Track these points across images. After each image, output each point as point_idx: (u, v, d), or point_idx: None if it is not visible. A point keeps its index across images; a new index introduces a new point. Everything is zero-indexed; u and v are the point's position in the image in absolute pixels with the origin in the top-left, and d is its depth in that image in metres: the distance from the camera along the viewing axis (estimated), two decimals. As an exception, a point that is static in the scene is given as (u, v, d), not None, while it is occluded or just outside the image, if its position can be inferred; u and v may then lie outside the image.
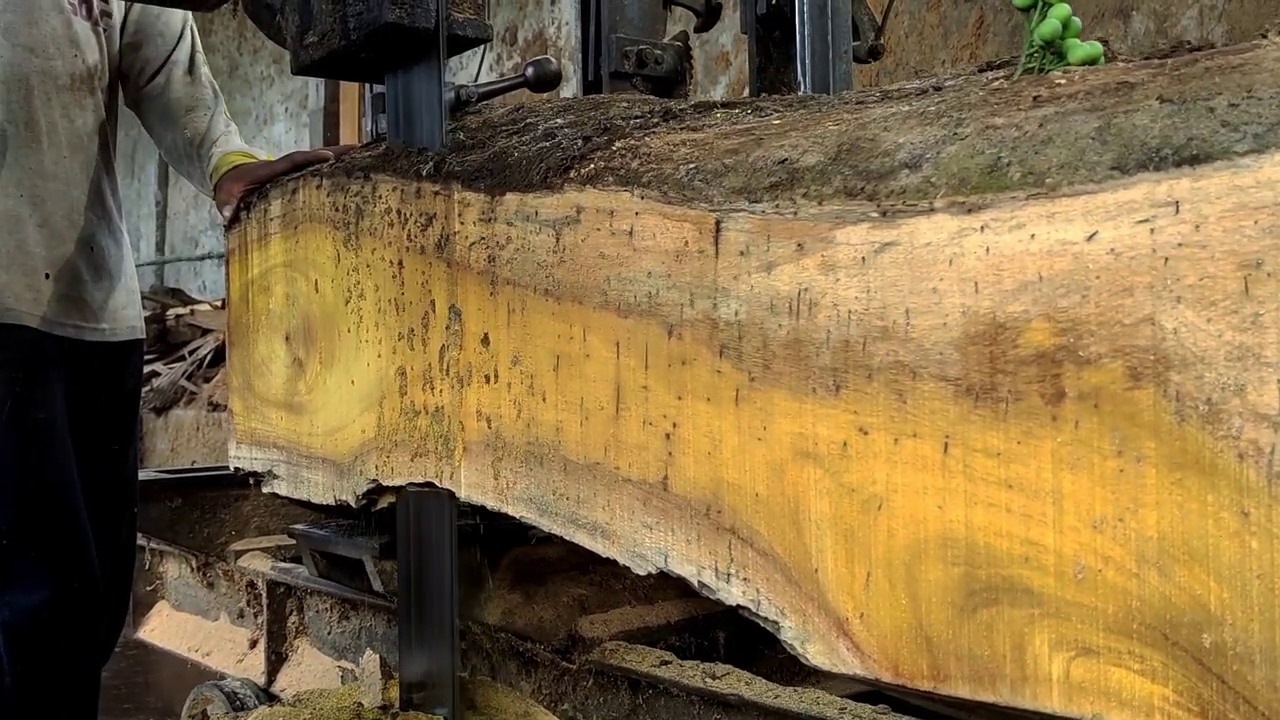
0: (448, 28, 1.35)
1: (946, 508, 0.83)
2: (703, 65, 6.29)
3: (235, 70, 11.31)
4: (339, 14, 1.38)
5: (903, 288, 0.86)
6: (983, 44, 4.97)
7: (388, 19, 1.29)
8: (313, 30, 1.43)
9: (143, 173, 12.87)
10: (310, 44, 1.44)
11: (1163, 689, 0.73)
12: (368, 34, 1.34)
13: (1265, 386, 0.68)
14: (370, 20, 1.33)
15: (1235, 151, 0.69)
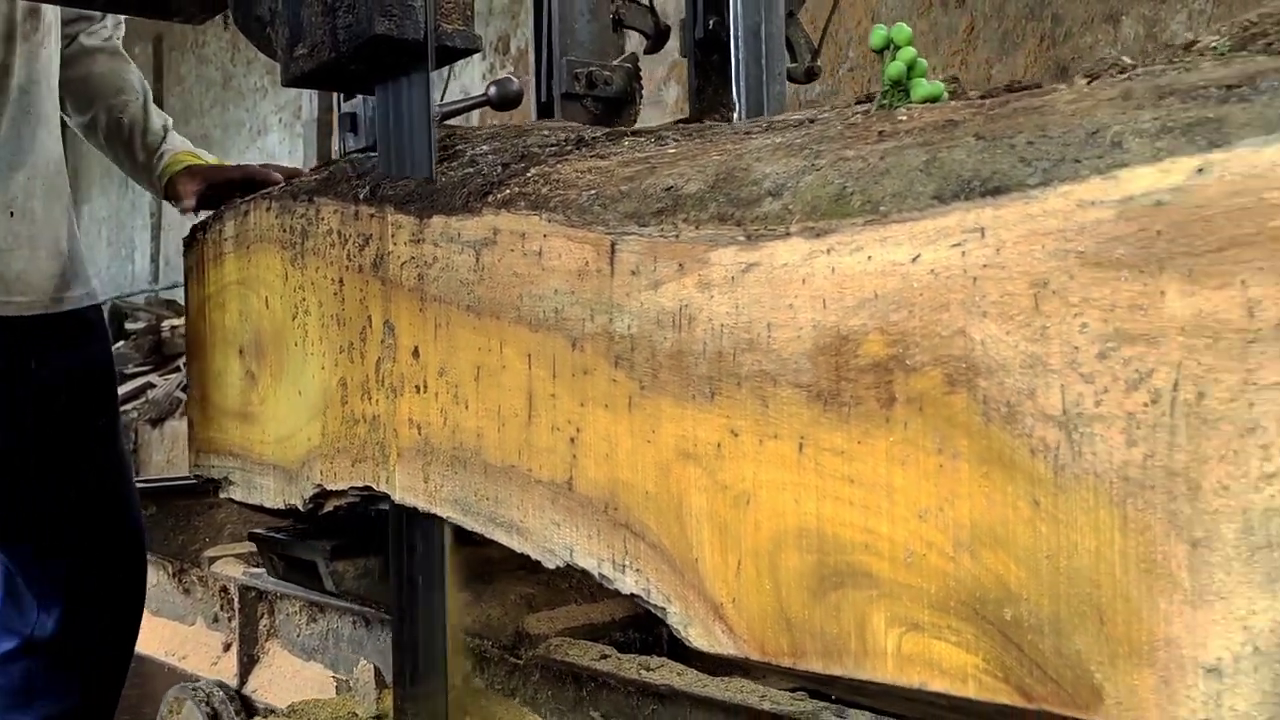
0: (437, 39, 1.36)
1: (801, 501, 0.93)
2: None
3: (229, 82, 11.40)
4: (329, 26, 1.39)
5: (765, 304, 0.95)
6: (973, 50, 5.04)
7: (377, 31, 1.31)
8: (303, 42, 1.44)
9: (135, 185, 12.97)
10: (300, 56, 1.44)
11: (974, 658, 0.82)
12: (357, 45, 1.35)
13: (1051, 391, 0.77)
14: (360, 32, 1.34)
15: (1028, 184, 0.79)
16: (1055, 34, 4.77)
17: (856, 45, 5.45)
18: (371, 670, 1.75)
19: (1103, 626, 0.75)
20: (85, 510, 1.97)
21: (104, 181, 13.75)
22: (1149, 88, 0.77)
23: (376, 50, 1.35)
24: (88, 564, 2.00)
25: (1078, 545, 0.76)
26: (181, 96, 12.39)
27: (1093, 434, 0.75)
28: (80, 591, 1.99)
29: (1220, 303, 0.69)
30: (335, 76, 1.46)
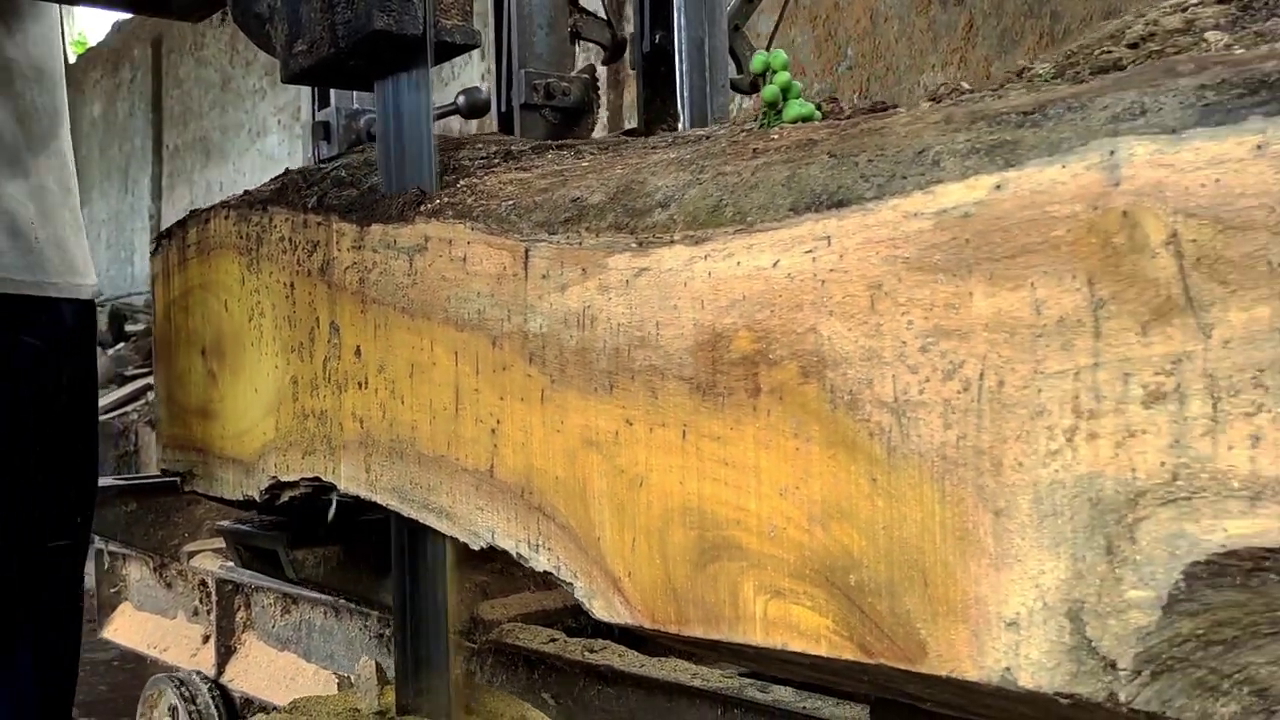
0: (436, 34, 1.37)
1: (685, 483, 1.03)
2: None
3: (228, 84, 11.47)
4: (328, 22, 1.39)
5: (654, 305, 1.05)
6: (972, 48, 5.11)
7: (376, 26, 1.32)
8: (302, 39, 1.44)
9: (136, 186, 13.04)
10: (299, 52, 1.45)
11: (825, 620, 0.92)
12: (356, 41, 1.35)
13: (884, 380, 0.87)
14: (359, 28, 1.34)
15: (865, 198, 0.89)
16: (1054, 31, 4.84)
17: (855, 44, 5.53)
18: (373, 666, 1.75)
19: (927, 588, 0.85)
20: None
21: (104, 184, 13.83)
22: (966, 112, 0.87)
23: (375, 46, 1.36)
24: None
25: (906, 517, 0.86)
26: (180, 99, 12.46)
27: (917, 419, 0.85)
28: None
29: (1014, 302, 0.80)
30: (334, 73, 1.47)
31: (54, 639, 1.86)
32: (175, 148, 12.47)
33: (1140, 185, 0.73)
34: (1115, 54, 0.85)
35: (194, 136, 12.12)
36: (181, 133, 12.40)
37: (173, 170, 12.28)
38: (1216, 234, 0.70)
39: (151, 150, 12.78)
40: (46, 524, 1.79)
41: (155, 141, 12.80)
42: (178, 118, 12.45)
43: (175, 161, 12.29)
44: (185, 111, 12.38)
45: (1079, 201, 0.76)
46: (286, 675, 2.71)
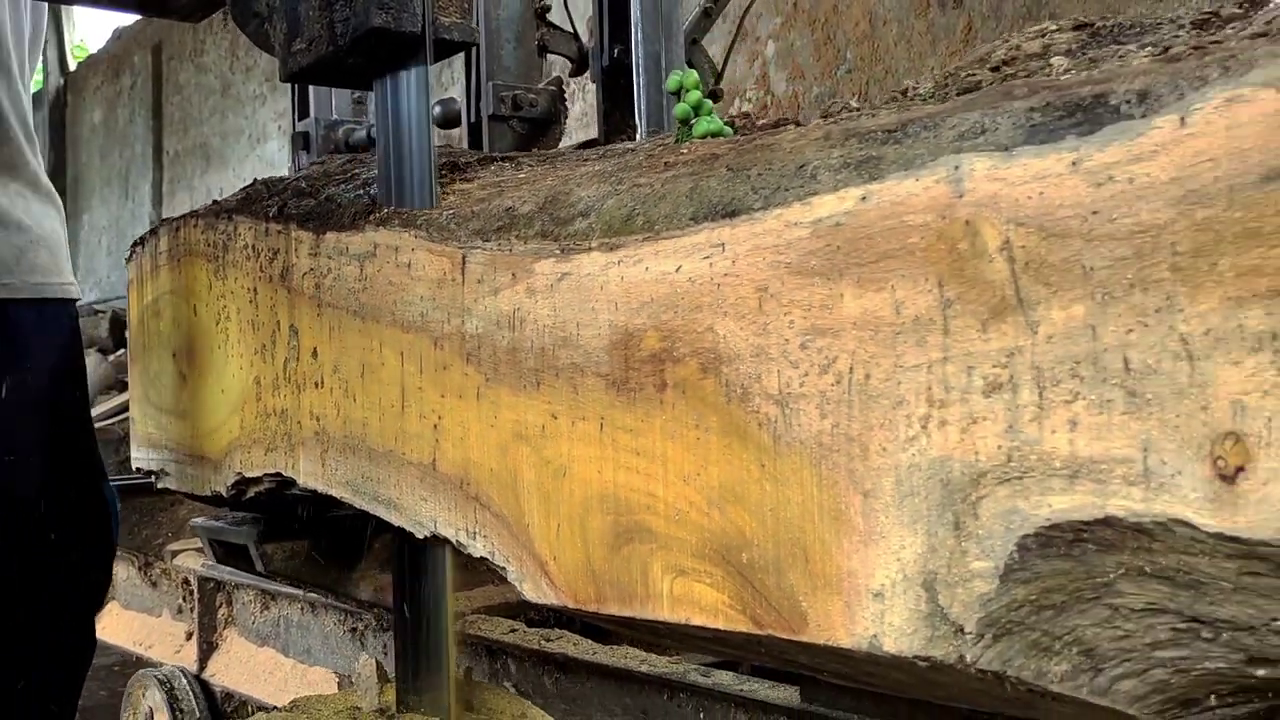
0: (434, 31, 1.37)
1: (603, 472, 1.11)
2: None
3: (228, 90, 11.52)
4: (326, 20, 1.39)
5: (575, 307, 1.14)
6: (971, 50, 5.16)
7: (374, 23, 1.32)
8: (300, 37, 1.44)
9: (137, 192, 13.11)
10: (298, 51, 1.45)
11: (722, 595, 1.00)
12: (354, 39, 1.36)
13: (770, 375, 0.95)
14: (357, 25, 1.34)
15: (754, 208, 0.97)
16: (1054, 33, 4.91)
17: (854, 47, 5.60)
18: (374, 665, 1.73)
19: (807, 564, 0.94)
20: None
21: (104, 191, 13.89)
22: (842, 130, 0.95)
23: (374, 43, 1.36)
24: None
25: (790, 499, 0.95)
26: (180, 105, 12.51)
27: (798, 409, 0.93)
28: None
29: (878, 303, 0.88)
30: (333, 71, 1.48)
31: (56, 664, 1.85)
32: (175, 154, 12.53)
33: (979, 197, 0.81)
34: (978, 76, 0.94)
35: (194, 143, 12.18)
36: (182, 139, 12.47)
37: (173, 176, 12.34)
38: (1041, 241, 0.78)
39: (152, 157, 12.84)
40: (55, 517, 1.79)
41: (155, 148, 12.86)
42: (178, 124, 12.50)
43: (176, 168, 12.35)
44: (185, 118, 12.44)
45: (930, 212, 0.84)
46: (265, 670, 2.79)
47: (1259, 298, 0.68)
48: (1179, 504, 0.71)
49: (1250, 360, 0.68)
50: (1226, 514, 0.69)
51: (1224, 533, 0.69)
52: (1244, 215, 0.68)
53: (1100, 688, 0.81)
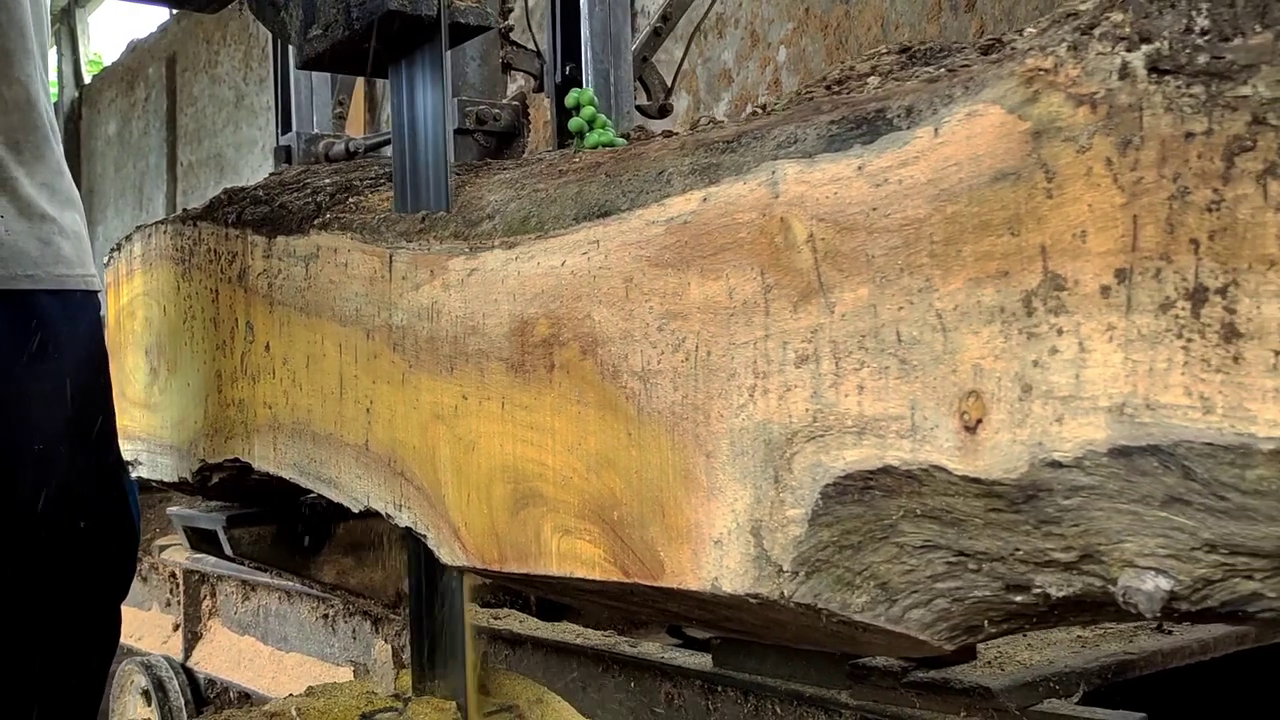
0: (450, 15, 1.37)
1: (504, 445, 1.25)
2: (705, 82, 6.42)
3: (241, 101, 11.65)
4: (342, 5, 1.39)
5: (481, 299, 1.28)
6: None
7: (390, 7, 1.32)
8: (316, 23, 1.44)
9: (151, 204, 13.24)
10: (314, 37, 1.45)
11: (598, 549, 1.14)
12: (370, 23, 1.35)
13: (635, 354, 1.09)
14: (373, 9, 1.34)
15: (622, 208, 1.11)
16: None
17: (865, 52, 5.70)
18: (389, 651, 1.75)
19: (664, 518, 1.07)
20: None
21: (119, 203, 14.00)
22: (695, 140, 1.09)
23: (390, 27, 1.36)
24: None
25: (650, 463, 1.08)
26: (195, 116, 12.62)
27: (656, 384, 1.07)
28: None
29: (716, 290, 1.02)
30: (348, 57, 1.47)
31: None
32: (189, 165, 12.63)
33: (791, 197, 0.95)
34: (814, 93, 1.07)
35: (208, 153, 12.30)
36: (195, 150, 12.59)
37: (187, 187, 12.45)
38: (836, 233, 0.92)
39: (166, 168, 12.94)
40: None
41: (169, 159, 12.95)
42: (192, 135, 12.60)
43: (189, 179, 12.45)
44: (199, 129, 12.56)
45: (754, 210, 0.98)
46: (246, 657, 2.93)
47: (991, 278, 0.81)
48: (936, 453, 0.85)
49: (986, 330, 0.82)
50: (970, 459, 0.83)
51: (968, 475, 0.83)
52: (979, 210, 0.82)
53: (895, 616, 0.95)
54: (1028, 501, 0.81)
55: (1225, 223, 0.69)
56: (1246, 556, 0.74)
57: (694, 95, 6.40)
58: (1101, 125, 0.75)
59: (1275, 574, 0.75)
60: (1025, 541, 0.84)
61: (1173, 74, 0.71)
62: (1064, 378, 0.77)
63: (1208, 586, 0.77)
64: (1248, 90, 0.68)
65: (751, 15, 6.27)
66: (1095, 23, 0.77)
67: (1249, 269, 0.68)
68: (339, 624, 2.60)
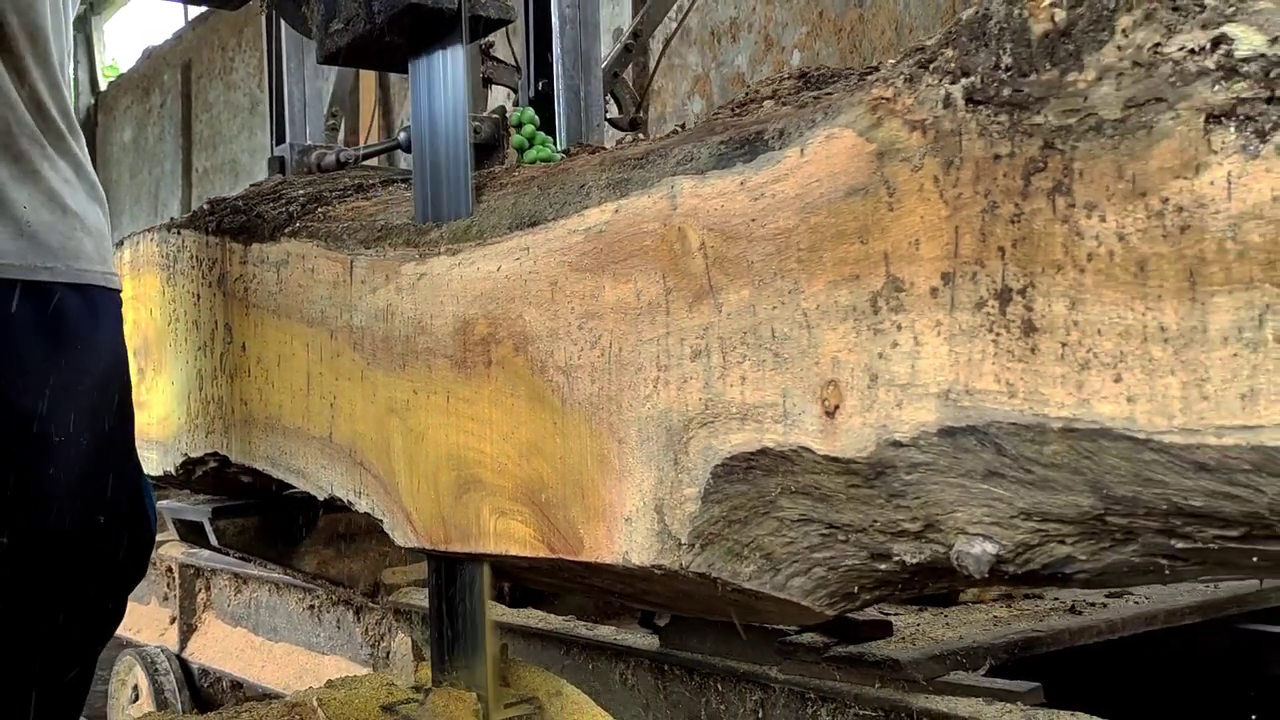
0: (470, 8, 1.37)
1: (449, 436, 1.36)
2: (719, 86, 6.50)
3: (256, 107, 11.75)
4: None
5: (430, 301, 1.39)
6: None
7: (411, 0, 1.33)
8: (338, 17, 1.45)
9: (166, 210, 13.35)
10: (335, 31, 1.46)
11: (529, 529, 1.25)
12: (392, 16, 1.36)
13: (560, 350, 1.21)
14: (395, 2, 1.35)
15: (549, 218, 1.22)
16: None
17: (880, 56, 5.78)
18: (409, 644, 1.76)
19: (584, 499, 1.18)
20: None
21: (134, 209, 14.08)
22: (613, 157, 1.20)
23: (411, 20, 1.37)
24: None
25: (572, 449, 1.20)
26: (210, 123, 12.70)
27: (578, 377, 1.19)
28: None
29: (626, 292, 1.13)
30: (369, 51, 1.48)
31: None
32: (204, 171, 12.71)
33: (687, 209, 1.06)
34: (720, 114, 1.19)
35: (223, 159, 12.38)
36: (210, 156, 12.68)
37: (202, 193, 12.52)
38: (723, 241, 1.03)
39: (181, 174, 13.00)
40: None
41: (185, 165, 13.01)
42: (207, 141, 12.68)
43: (204, 185, 12.52)
44: (214, 135, 12.64)
45: (657, 221, 1.09)
46: (237, 648, 3.05)
47: (845, 281, 0.93)
48: (803, 435, 0.96)
49: (841, 326, 0.93)
50: (830, 441, 0.94)
51: (830, 455, 0.94)
52: (836, 220, 0.93)
53: (779, 584, 1.06)
54: (878, 477, 0.92)
55: (1024, 232, 0.80)
56: (1055, 523, 0.85)
57: (707, 99, 6.49)
58: (930, 147, 0.86)
59: (1083, 539, 0.85)
60: (880, 514, 0.95)
61: (984, 104, 0.83)
62: (902, 368, 0.88)
63: (1028, 551, 0.88)
64: (1040, 119, 0.79)
65: (765, 19, 6.32)
66: (933, 58, 0.88)
67: (1042, 272, 0.79)
68: (324, 614, 2.72)
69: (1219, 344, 0.70)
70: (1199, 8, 0.72)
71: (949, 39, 0.88)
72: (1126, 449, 0.76)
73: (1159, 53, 0.73)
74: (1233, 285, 0.70)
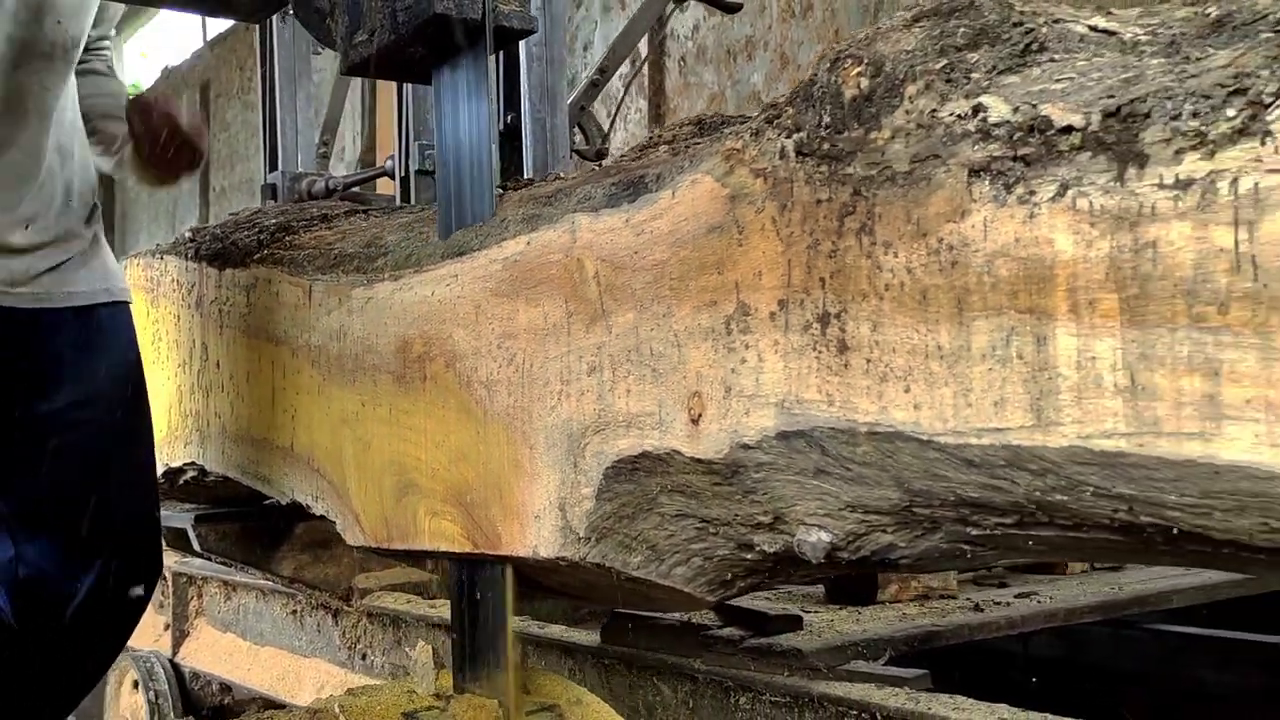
0: (494, 19, 1.39)
1: (392, 444, 1.51)
2: (735, 104, 6.61)
3: None
4: (388, 10, 1.42)
5: (376, 322, 1.54)
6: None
7: (436, 10, 1.35)
8: (362, 29, 1.47)
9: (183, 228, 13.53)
10: (360, 42, 1.48)
11: (457, 528, 1.40)
12: (417, 26, 1.39)
13: (482, 367, 1.35)
14: (419, 12, 1.37)
15: (474, 249, 1.37)
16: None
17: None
18: (429, 651, 1.77)
19: (502, 500, 1.33)
20: None
21: (151, 227, 14.23)
22: (530, 194, 1.35)
23: (436, 31, 1.39)
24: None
25: (493, 455, 1.34)
26: (228, 142, 12.83)
27: (497, 391, 1.33)
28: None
29: (536, 315, 1.27)
30: (394, 62, 1.51)
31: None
32: (222, 189, 12.81)
33: (584, 242, 1.21)
34: (622, 159, 1.33)
35: (240, 178, 12.49)
36: (228, 175, 12.81)
37: (219, 212, 12.61)
38: (612, 271, 1.17)
39: (198, 193, 13.11)
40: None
41: (202, 184, 13.09)
42: (224, 160, 12.80)
43: (222, 204, 12.61)
44: (232, 154, 12.75)
45: (561, 252, 1.24)
46: (226, 652, 3.19)
47: (706, 306, 1.07)
48: (675, 440, 1.10)
49: (703, 345, 1.07)
50: (695, 444, 1.08)
51: (695, 456, 1.08)
52: (700, 254, 1.08)
53: (664, 573, 1.20)
54: (734, 476, 1.06)
55: (839, 265, 0.94)
56: (875, 514, 0.99)
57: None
58: (770, 192, 1.01)
59: (900, 528, 0.99)
60: (740, 508, 1.09)
61: (810, 156, 0.97)
62: (749, 381, 1.02)
63: (858, 539, 1.02)
64: (851, 170, 0.94)
65: (781, 38, 6.45)
66: (779, 114, 1.03)
67: (853, 299, 0.93)
68: (305, 619, 2.86)
69: (979, 360, 0.84)
70: (965, 80, 0.87)
71: (790, 99, 1.03)
72: (916, 449, 0.90)
73: (935, 117, 0.88)
74: (988, 311, 0.84)
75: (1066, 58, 0.85)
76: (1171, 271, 0.73)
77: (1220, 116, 0.72)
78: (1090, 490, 0.81)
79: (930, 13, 0.93)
